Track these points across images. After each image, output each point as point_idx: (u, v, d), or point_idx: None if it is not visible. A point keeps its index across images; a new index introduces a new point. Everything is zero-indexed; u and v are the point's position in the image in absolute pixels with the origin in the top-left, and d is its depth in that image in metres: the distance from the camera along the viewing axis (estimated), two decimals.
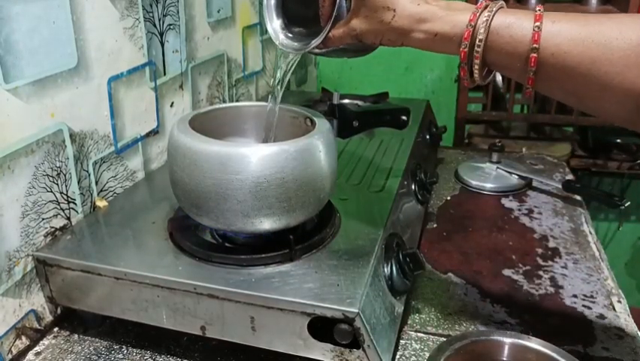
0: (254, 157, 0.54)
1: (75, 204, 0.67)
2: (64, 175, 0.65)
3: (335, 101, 0.73)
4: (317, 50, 0.57)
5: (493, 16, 0.46)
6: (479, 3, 0.48)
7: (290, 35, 0.60)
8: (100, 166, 0.71)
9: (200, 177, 0.55)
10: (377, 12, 0.50)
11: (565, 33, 0.44)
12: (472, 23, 0.47)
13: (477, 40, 0.46)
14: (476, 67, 0.48)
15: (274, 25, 0.60)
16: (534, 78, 0.46)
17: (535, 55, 0.44)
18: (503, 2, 0.48)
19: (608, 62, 0.43)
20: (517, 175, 1.02)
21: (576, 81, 0.45)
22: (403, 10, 0.49)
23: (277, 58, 0.61)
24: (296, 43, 0.59)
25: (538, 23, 0.44)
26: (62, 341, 0.63)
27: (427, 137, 1.06)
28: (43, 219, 0.62)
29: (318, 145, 0.58)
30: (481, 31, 0.46)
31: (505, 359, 0.56)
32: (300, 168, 0.56)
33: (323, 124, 0.61)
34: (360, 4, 0.51)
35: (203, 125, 0.61)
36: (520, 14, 0.46)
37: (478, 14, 0.47)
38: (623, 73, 0.42)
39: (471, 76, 0.49)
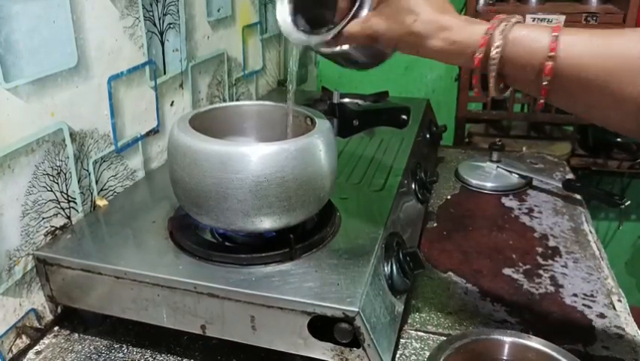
0: (254, 156, 0.54)
1: (75, 203, 0.67)
2: (65, 174, 0.65)
3: (335, 100, 0.73)
4: (323, 49, 0.56)
5: (512, 27, 0.46)
6: (497, 16, 0.48)
7: (299, 27, 0.57)
8: (100, 165, 0.71)
9: (200, 176, 0.55)
10: (400, 13, 0.50)
11: (582, 44, 0.43)
12: (490, 31, 0.46)
13: (493, 48, 0.46)
14: (492, 78, 0.47)
15: (283, 7, 0.57)
16: (548, 88, 0.45)
17: (551, 63, 0.44)
18: (520, 17, 0.48)
19: (625, 74, 0.42)
20: (518, 174, 1.01)
21: (591, 93, 0.44)
22: (425, 15, 0.49)
23: (288, 52, 0.60)
24: (303, 36, 0.56)
25: (555, 34, 0.44)
26: (63, 340, 0.63)
27: (427, 136, 1.06)
28: (43, 218, 0.62)
29: (319, 144, 0.58)
30: (498, 39, 0.46)
31: (505, 358, 0.56)
32: (300, 167, 0.56)
33: (323, 123, 0.61)
34: (385, 3, 0.51)
35: (204, 124, 0.61)
36: (537, 27, 0.46)
37: (496, 25, 0.46)
38: (638, 84, 0.42)
39: (484, 89, 0.49)
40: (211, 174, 0.55)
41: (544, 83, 0.45)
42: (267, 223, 0.57)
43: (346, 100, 1.09)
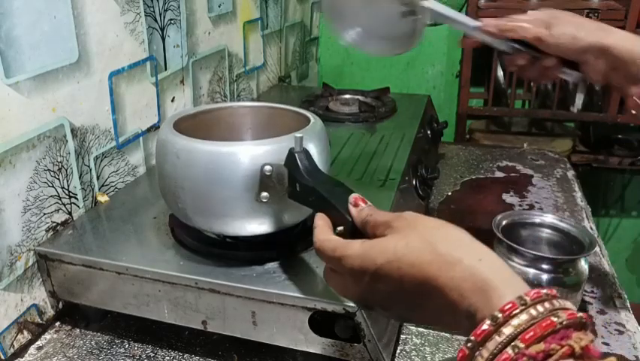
0: (243, 156, 0.53)
1: (76, 199, 0.67)
2: (66, 170, 0.65)
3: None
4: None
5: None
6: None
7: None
8: (101, 161, 0.71)
9: (189, 180, 0.54)
10: None
11: None
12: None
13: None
14: None
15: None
16: None
17: None
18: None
19: None
20: None
21: None
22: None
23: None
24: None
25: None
26: (64, 336, 0.63)
27: (428, 132, 1.06)
28: (44, 213, 0.62)
29: (310, 143, 0.57)
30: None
31: None
32: None
33: (315, 122, 0.61)
34: None
35: (193, 126, 0.60)
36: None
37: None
38: None
39: None
40: (203, 176, 0.54)
41: None
42: (262, 227, 0.56)
43: (347, 95, 1.09)
